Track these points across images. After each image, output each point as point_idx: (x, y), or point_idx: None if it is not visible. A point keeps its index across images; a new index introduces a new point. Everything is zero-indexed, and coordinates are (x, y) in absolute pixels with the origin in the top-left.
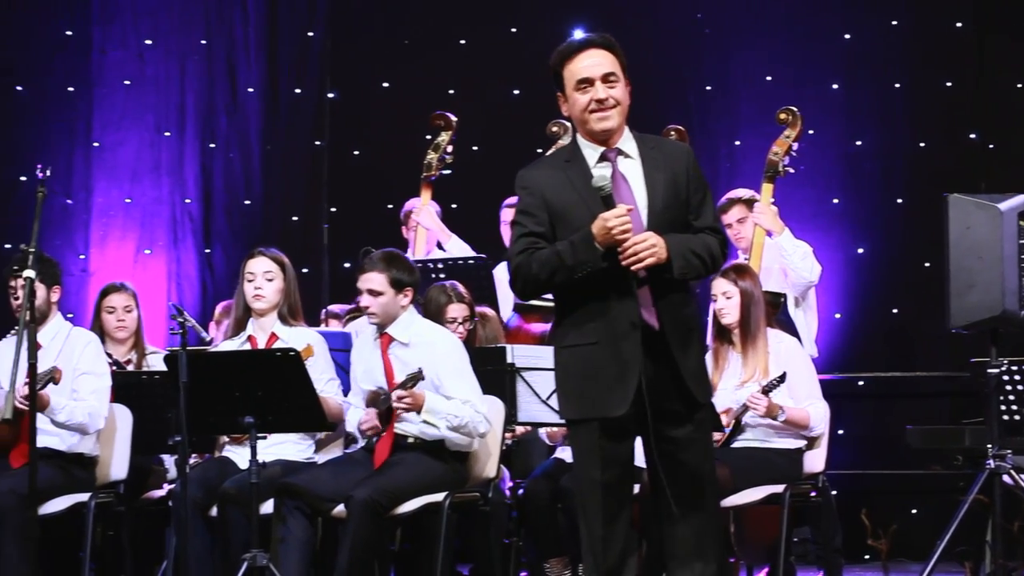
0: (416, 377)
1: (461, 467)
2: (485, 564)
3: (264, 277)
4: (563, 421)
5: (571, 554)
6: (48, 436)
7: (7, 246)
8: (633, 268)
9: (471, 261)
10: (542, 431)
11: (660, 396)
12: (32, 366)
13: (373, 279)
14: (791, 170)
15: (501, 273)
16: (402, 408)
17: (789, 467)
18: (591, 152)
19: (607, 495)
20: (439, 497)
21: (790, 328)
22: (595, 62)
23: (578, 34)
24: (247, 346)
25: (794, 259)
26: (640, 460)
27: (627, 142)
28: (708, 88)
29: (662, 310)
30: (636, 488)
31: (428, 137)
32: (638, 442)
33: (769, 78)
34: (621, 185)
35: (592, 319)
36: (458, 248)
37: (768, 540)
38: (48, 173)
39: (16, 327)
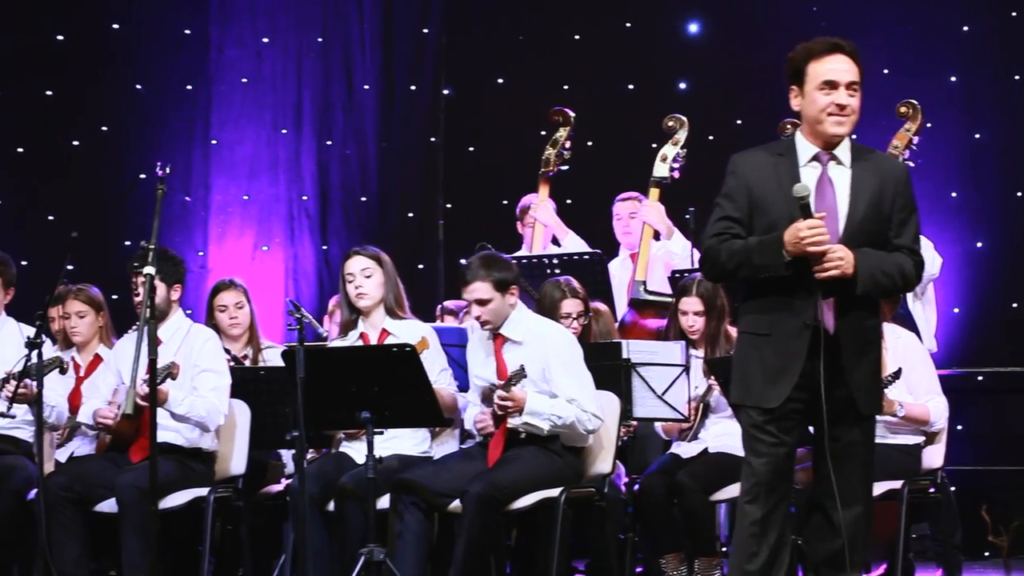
0: (519, 375)
1: (576, 462)
2: (600, 559)
3: (363, 275)
4: (680, 416)
5: (687, 550)
6: (168, 431)
7: (127, 243)
8: (818, 277)
9: (586, 256)
10: (658, 426)
11: (827, 398)
12: (152, 362)
13: (478, 288)
14: (911, 164)
15: (616, 268)
16: (503, 407)
17: (908, 463)
18: (805, 149)
19: (766, 483)
20: (555, 492)
21: (909, 323)
22: (843, 68)
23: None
24: (360, 343)
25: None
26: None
27: (843, 149)
28: None
29: (842, 316)
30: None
31: (543, 133)
32: None
33: (886, 71)
34: (826, 189)
35: (770, 312)
36: (575, 244)
37: (886, 536)
38: (168, 171)
39: (137, 323)
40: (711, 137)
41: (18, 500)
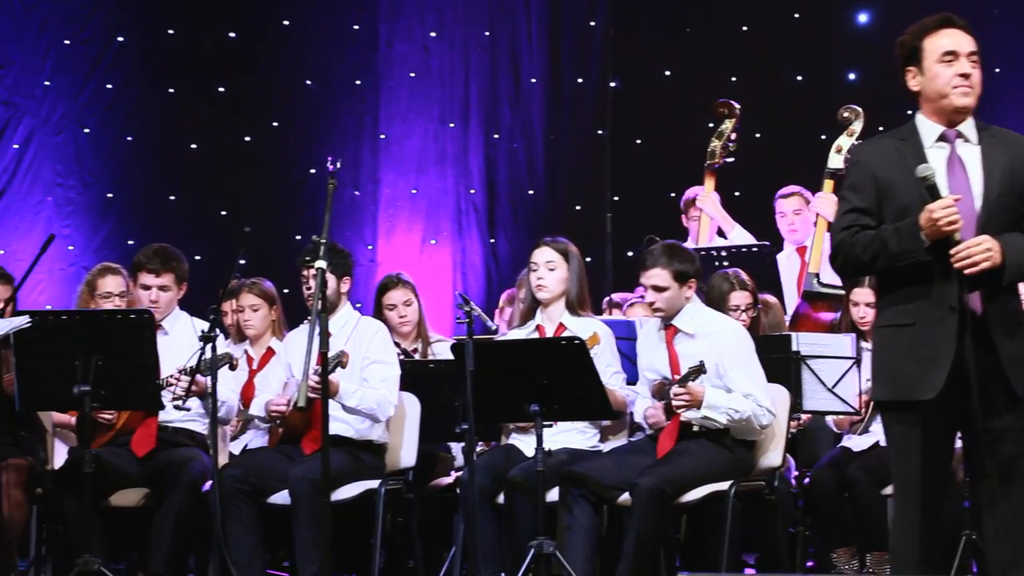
0: (697, 370)
1: (746, 456)
2: (771, 553)
3: (546, 267)
4: (850, 409)
5: (858, 544)
6: (339, 423)
7: (298, 238)
8: (966, 272)
9: (754, 248)
10: (829, 419)
11: (979, 384)
12: (323, 354)
13: (657, 275)
14: None
15: (783, 261)
16: (681, 405)
17: None
18: (929, 130)
19: (924, 483)
20: (724, 486)
21: None
22: (961, 39)
23: (868, 15)
24: (535, 335)
25: None
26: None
27: (968, 126)
28: (997, 71)
29: (988, 297)
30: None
31: (711, 125)
32: None
33: None
34: (957, 169)
35: (911, 300)
36: (740, 237)
37: None
38: (338, 165)
39: (308, 316)
40: (882, 128)
41: (194, 492)
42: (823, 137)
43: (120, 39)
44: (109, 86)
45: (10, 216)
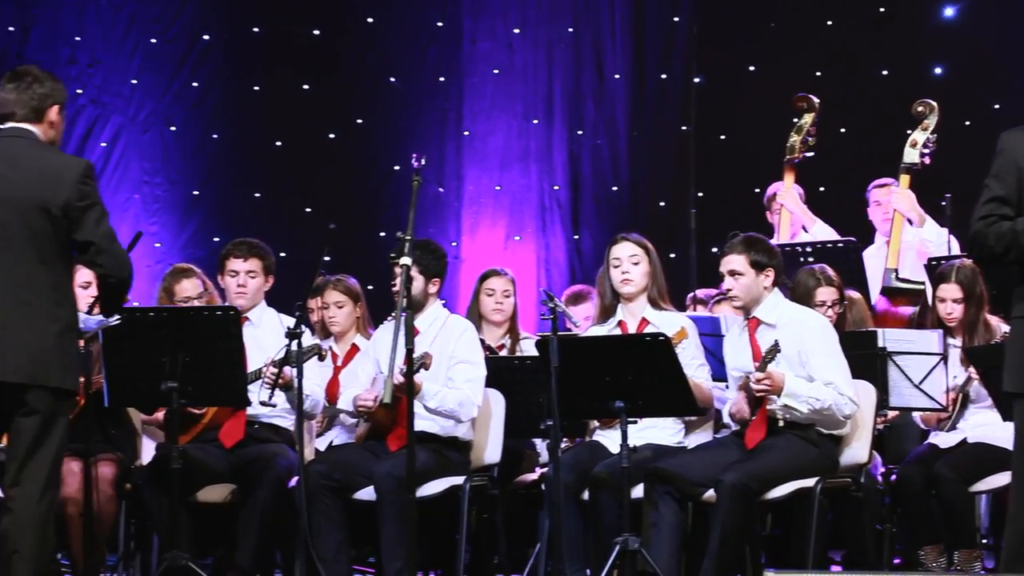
0: (773, 350)
1: (833, 452)
2: (857, 550)
3: (630, 261)
4: (937, 405)
5: (946, 541)
6: (425, 420)
7: (382, 234)
8: None
9: (840, 244)
10: (915, 415)
11: None
12: (409, 351)
13: (733, 260)
14: None
15: (870, 256)
16: (761, 390)
17: None
18: None
19: None
20: (810, 482)
21: None
22: None
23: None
24: (617, 331)
25: None
26: None
27: None
28: None
29: None
30: None
31: (796, 120)
32: None
33: None
34: None
35: None
36: (822, 232)
37: None
38: (423, 162)
39: (394, 312)
40: (967, 123)
41: (280, 488)
42: (908, 132)
43: (206, 37)
44: (195, 84)
45: None
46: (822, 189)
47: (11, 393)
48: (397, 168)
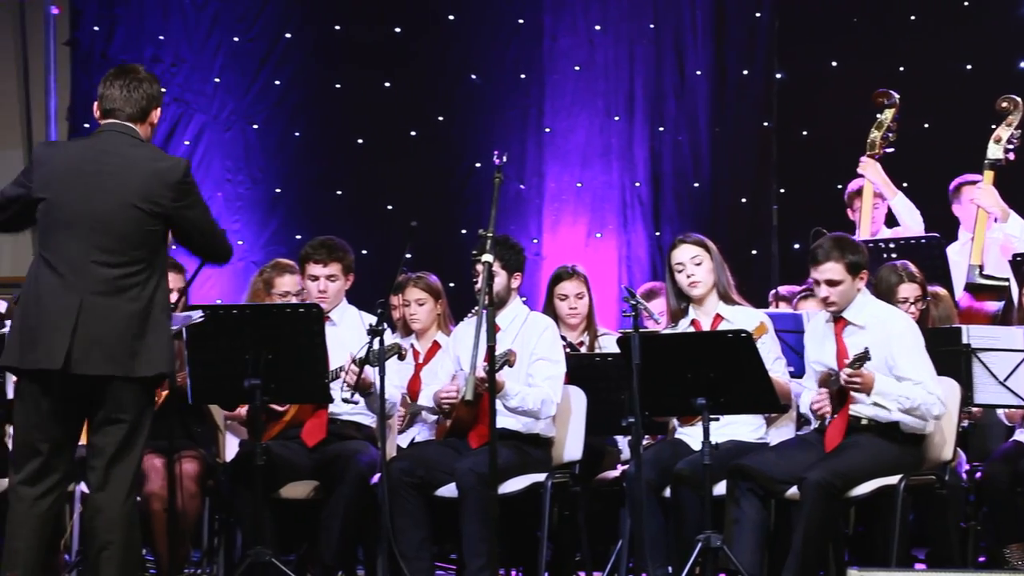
0: (863, 357)
1: (916, 449)
2: (942, 548)
3: (693, 263)
4: (1023, 403)
5: None
6: (506, 417)
7: (463, 231)
8: None
9: (923, 240)
10: (1000, 413)
11: None
12: (491, 348)
13: (831, 269)
14: None
15: (955, 252)
16: (852, 389)
17: None
18: None
19: None
20: (894, 480)
21: None
22: None
23: None
24: (691, 330)
25: None
26: None
27: None
28: None
29: None
30: None
31: (878, 116)
32: None
33: None
34: None
35: None
36: (902, 205)
37: None
38: (504, 159)
39: (474, 309)
40: None
41: (362, 484)
42: (993, 127)
43: (287, 36)
44: (277, 82)
45: None
46: (905, 185)
47: (101, 386)
48: (478, 165)
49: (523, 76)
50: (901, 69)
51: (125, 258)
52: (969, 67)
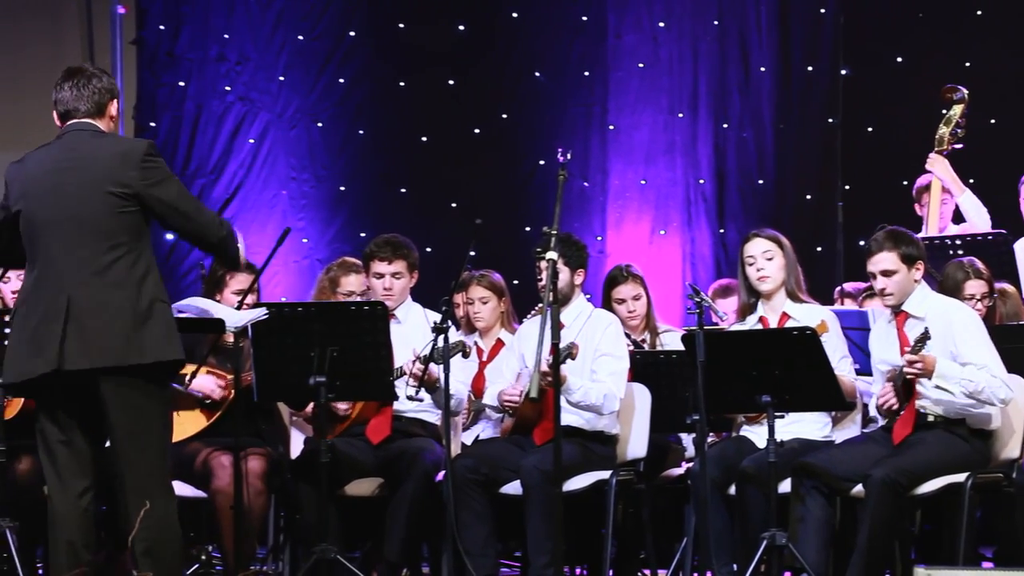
0: (924, 338)
1: (983, 447)
2: (1010, 547)
3: (764, 257)
4: None
5: None
6: (570, 414)
7: (527, 229)
8: None
9: (990, 236)
10: None
11: None
12: (555, 346)
13: (884, 259)
14: None
15: (1022, 250)
16: (913, 373)
17: None
18: None
19: None
20: (960, 478)
21: None
22: None
23: None
24: (759, 327)
25: None
26: None
27: None
28: None
29: None
30: None
31: (944, 112)
32: None
33: None
34: None
35: None
36: (970, 202)
37: None
38: (568, 157)
39: (538, 306)
40: None
41: (427, 481)
42: None
43: (352, 34)
44: (341, 80)
45: (246, 210)
46: (972, 181)
47: (103, 382)
48: (542, 163)
49: (587, 73)
50: (967, 64)
51: (107, 244)
52: None
